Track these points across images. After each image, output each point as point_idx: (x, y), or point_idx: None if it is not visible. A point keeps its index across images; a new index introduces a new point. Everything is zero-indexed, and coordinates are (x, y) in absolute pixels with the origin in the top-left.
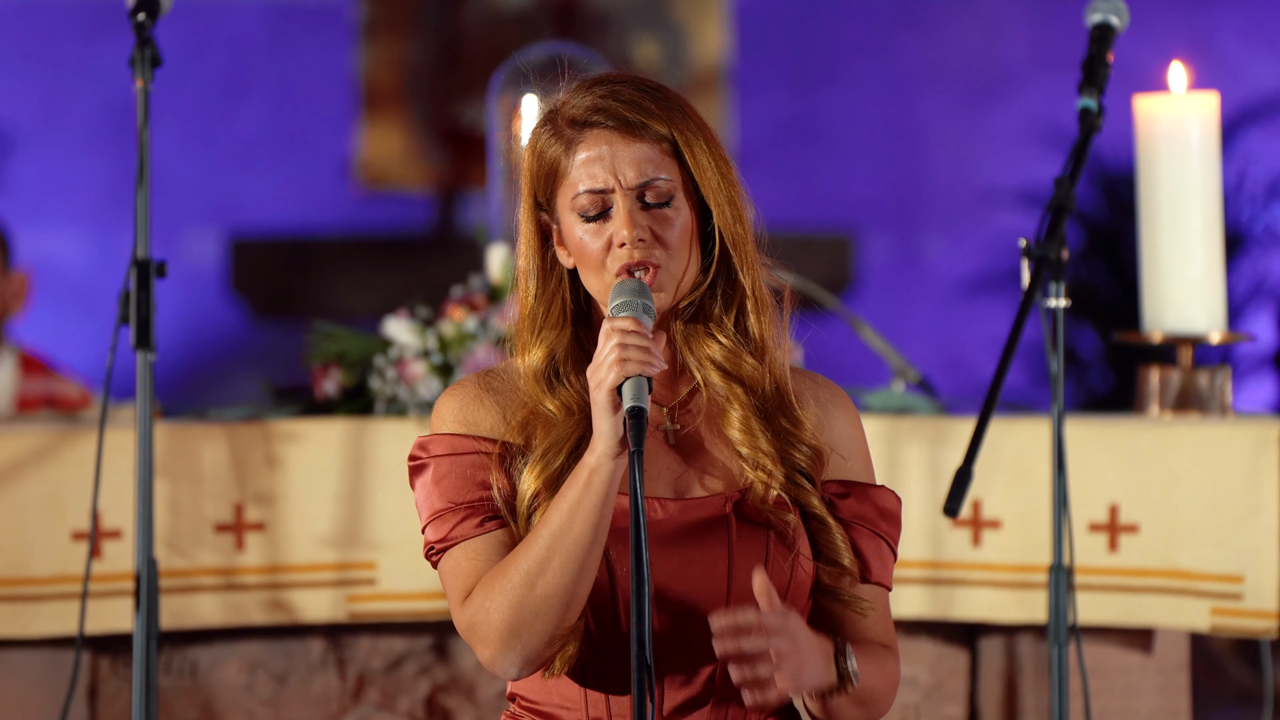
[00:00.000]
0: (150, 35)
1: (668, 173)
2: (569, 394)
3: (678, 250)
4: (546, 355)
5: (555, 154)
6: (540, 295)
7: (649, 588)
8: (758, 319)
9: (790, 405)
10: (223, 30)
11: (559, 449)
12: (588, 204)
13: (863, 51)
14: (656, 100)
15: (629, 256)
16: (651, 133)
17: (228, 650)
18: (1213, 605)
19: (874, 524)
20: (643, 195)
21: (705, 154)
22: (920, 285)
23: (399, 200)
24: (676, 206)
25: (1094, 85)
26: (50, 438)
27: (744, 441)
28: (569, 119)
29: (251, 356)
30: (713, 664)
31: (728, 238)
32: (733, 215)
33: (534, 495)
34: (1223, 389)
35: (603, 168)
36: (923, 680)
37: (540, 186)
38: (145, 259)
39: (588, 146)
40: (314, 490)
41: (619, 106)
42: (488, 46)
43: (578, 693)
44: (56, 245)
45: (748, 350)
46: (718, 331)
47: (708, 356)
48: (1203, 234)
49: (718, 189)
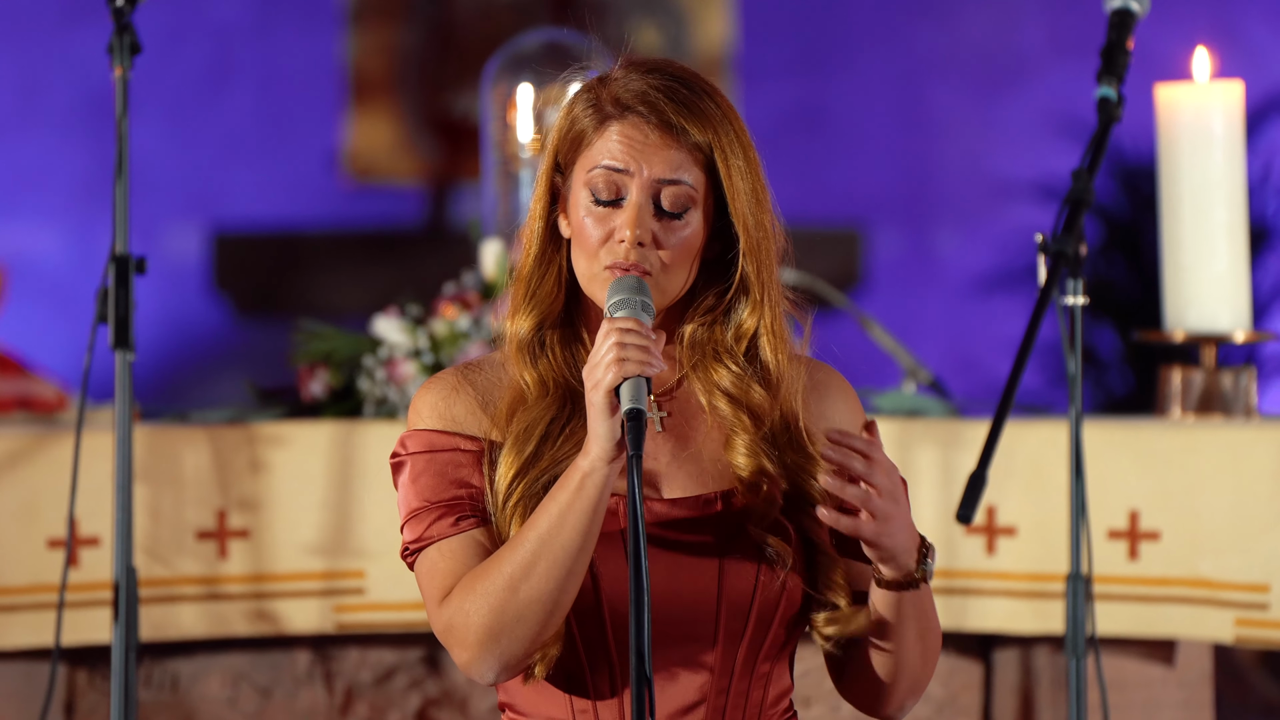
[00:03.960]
0: (129, 21)
1: (693, 180)
2: (549, 366)
3: (675, 264)
4: (535, 325)
5: (587, 123)
6: (539, 259)
7: (648, 597)
8: (773, 351)
9: (802, 442)
10: (205, 16)
11: (531, 434)
12: (602, 182)
13: (872, 38)
14: (706, 106)
15: (624, 257)
16: (689, 140)
17: (210, 662)
18: (1237, 615)
19: None
20: (659, 196)
21: (741, 173)
22: (932, 282)
23: (389, 193)
24: (688, 221)
25: (1113, 73)
26: (25, 441)
27: (747, 467)
28: (613, 97)
29: (235, 356)
30: (705, 668)
31: (750, 263)
32: (760, 241)
33: (509, 485)
34: (1247, 390)
35: (629, 152)
36: (935, 694)
37: (564, 148)
38: (124, 254)
39: (621, 131)
40: (300, 496)
41: (666, 105)
42: (481, 33)
43: (564, 703)
44: (31, 240)
45: (757, 379)
46: (728, 358)
47: (716, 383)
48: (1226, 228)
49: (748, 213)
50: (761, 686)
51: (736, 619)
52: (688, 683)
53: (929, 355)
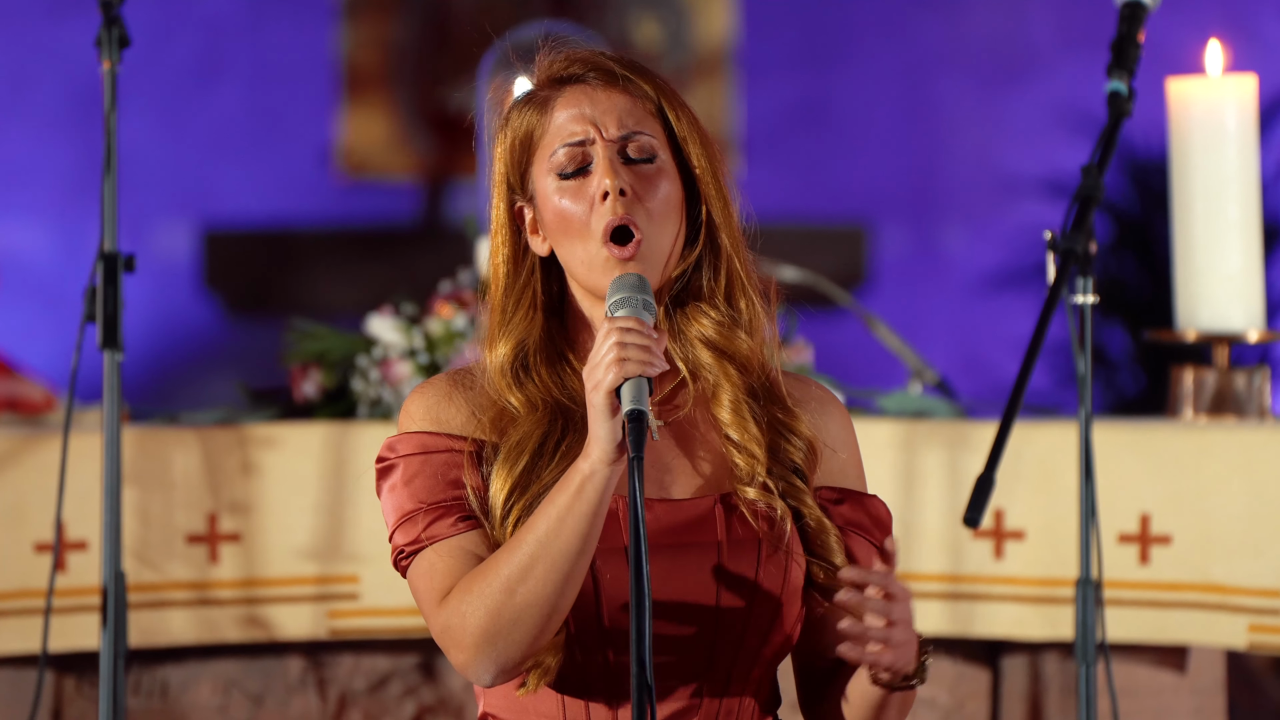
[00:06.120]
0: (118, 14)
1: (652, 130)
2: (535, 389)
3: (661, 220)
4: (515, 348)
5: (529, 123)
6: (510, 288)
7: (649, 602)
8: (746, 301)
9: (782, 397)
10: (195, 9)
11: (522, 449)
12: (565, 160)
13: (877, 31)
14: (639, 61)
15: (613, 212)
16: (637, 88)
17: (200, 669)
18: (1250, 621)
19: (869, 532)
20: (625, 148)
21: (690, 120)
22: (939, 280)
23: (383, 190)
24: (660, 168)
25: (1124, 67)
26: (11, 443)
27: (733, 424)
28: (546, 78)
29: (226, 356)
30: (700, 674)
31: (715, 212)
32: (717, 188)
33: (506, 499)
34: (1261, 391)
35: (583, 120)
36: (942, 702)
37: (514, 164)
38: (113, 252)
39: (566, 103)
40: (292, 499)
41: (603, 60)
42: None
43: (555, 708)
44: (18, 237)
45: (740, 327)
46: (709, 308)
47: (699, 335)
48: (1240, 225)
49: (702, 156)
50: (754, 693)
51: (733, 624)
52: (681, 688)
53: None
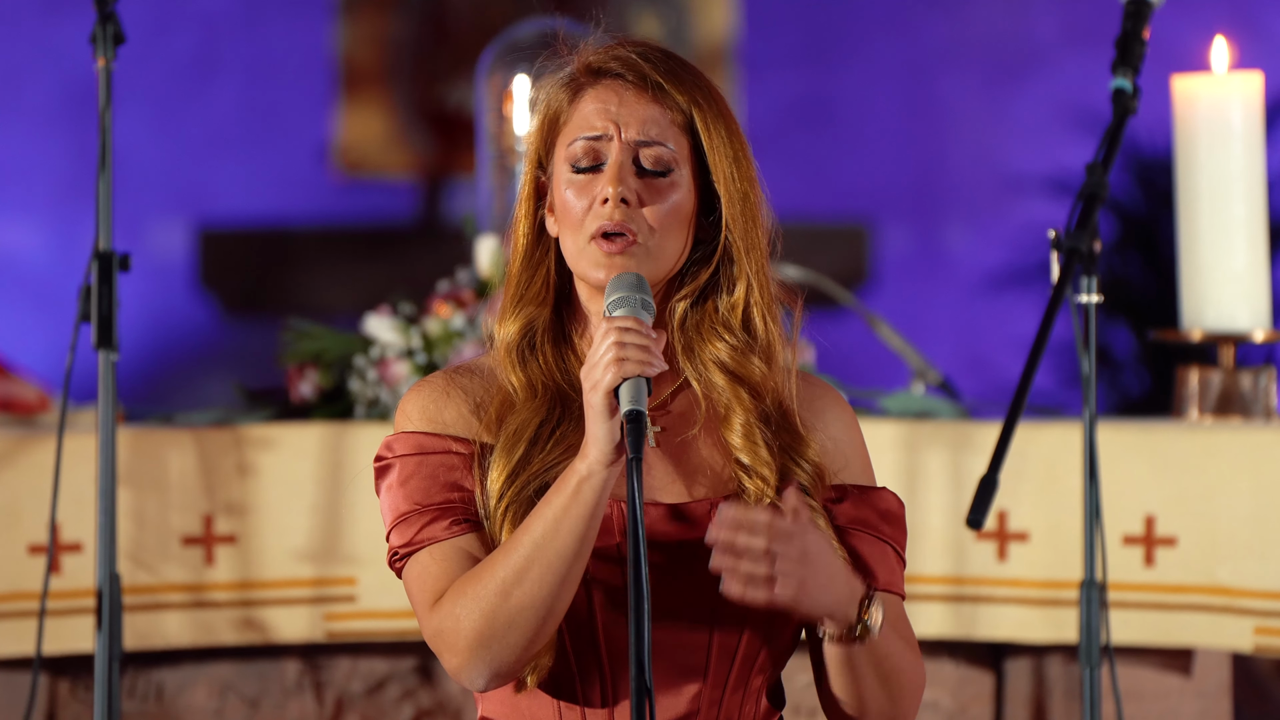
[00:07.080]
0: (113, 10)
1: (675, 143)
2: (538, 369)
3: (664, 229)
4: (523, 328)
5: (560, 101)
6: (528, 260)
7: (648, 605)
8: (764, 325)
9: (793, 420)
10: (191, 5)
11: (519, 437)
12: (580, 152)
13: (880, 28)
14: (684, 71)
15: (609, 218)
16: (669, 99)
17: (196, 672)
18: (1256, 624)
19: (875, 528)
20: (639, 156)
21: (723, 139)
22: (941, 279)
23: (380, 188)
24: (674, 181)
25: (1129, 64)
26: (5, 444)
27: (744, 448)
28: (585, 65)
29: (222, 356)
30: (698, 680)
31: (735, 231)
32: (743, 209)
33: (500, 490)
34: (1267, 391)
35: (605, 116)
36: (945, 705)
37: (542, 138)
38: (108, 251)
39: (596, 96)
40: (289, 500)
41: (642, 63)
42: (476, 23)
43: (552, 713)
44: (12, 235)
45: (755, 353)
46: (724, 330)
47: (713, 357)
48: (1245, 224)
49: (730, 178)
50: (754, 699)
51: (731, 629)
52: (680, 693)
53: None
